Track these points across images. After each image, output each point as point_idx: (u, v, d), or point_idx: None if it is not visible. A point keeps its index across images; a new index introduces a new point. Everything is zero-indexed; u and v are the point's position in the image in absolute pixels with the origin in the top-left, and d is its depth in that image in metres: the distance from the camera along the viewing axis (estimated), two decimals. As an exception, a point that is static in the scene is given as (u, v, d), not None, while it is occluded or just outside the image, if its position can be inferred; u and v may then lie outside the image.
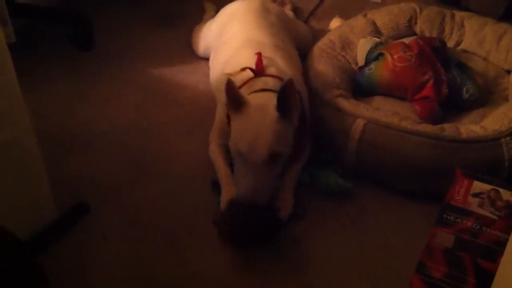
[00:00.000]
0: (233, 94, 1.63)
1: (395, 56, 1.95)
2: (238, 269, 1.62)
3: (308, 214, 1.74)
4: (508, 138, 1.74)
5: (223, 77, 1.75)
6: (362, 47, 2.10)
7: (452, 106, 1.93)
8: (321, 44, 2.15)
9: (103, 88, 2.25)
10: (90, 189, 1.82)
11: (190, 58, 2.39)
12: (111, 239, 1.68)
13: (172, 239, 1.69)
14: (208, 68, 2.22)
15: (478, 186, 1.54)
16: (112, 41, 2.49)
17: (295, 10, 2.60)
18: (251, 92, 1.71)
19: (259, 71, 1.78)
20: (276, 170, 1.64)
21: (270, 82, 1.74)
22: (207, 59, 2.29)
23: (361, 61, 2.08)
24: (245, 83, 1.75)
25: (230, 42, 2.02)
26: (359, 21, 2.24)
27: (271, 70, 1.79)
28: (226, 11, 2.22)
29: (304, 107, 1.79)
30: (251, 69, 1.78)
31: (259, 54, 1.82)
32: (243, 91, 1.69)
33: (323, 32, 2.33)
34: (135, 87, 2.26)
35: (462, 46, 2.19)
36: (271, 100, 1.64)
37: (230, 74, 1.75)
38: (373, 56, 2.03)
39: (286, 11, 2.48)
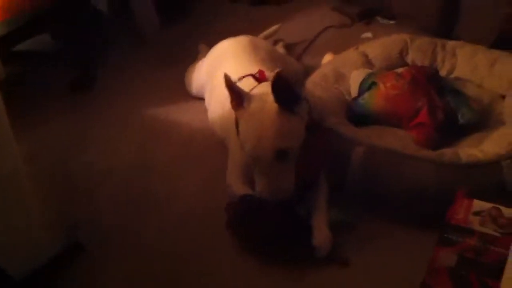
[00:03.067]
0: (234, 89, 1.64)
1: (388, 84, 1.95)
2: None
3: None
4: (508, 161, 1.71)
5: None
6: (355, 78, 2.10)
7: (449, 132, 1.91)
8: (314, 78, 2.16)
9: (102, 128, 2.28)
10: (91, 229, 1.80)
11: (184, 97, 2.41)
12: (113, 275, 1.65)
13: (177, 278, 1.65)
14: (201, 106, 2.23)
15: (479, 204, 1.51)
16: (110, 83, 2.54)
17: (287, 47, 2.63)
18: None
19: (262, 78, 1.79)
20: (290, 164, 1.61)
21: None
22: (200, 98, 2.30)
23: (354, 92, 2.08)
24: (250, 90, 1.73)
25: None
26: (351, 54, 2.25)
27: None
28: (217, 50, 2.24)
29: (313, 113, 1.76)
30: (253, 76, 1.77)
31: (261, 70, 1.83)
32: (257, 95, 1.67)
33: (316, 68, 2.33)
34: (133, 127, 2.28)
35: (455, 74, 2.19)
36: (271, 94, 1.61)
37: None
38: (366, 85, 2.03)
39: (277, 48, 2.50)
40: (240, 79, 1.80)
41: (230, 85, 1.64)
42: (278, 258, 1.65)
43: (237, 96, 1.65)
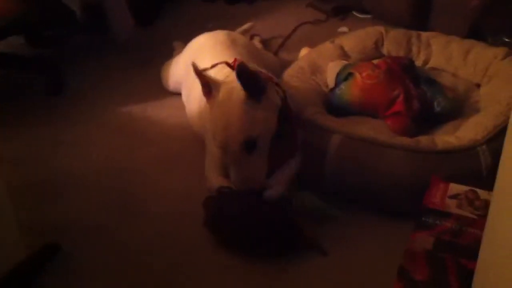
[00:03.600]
0: (203, 77, 1.63)
1: (364, 74, 1.96)
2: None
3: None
4: (484, 146, 1.72)
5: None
6: (332, 70, 2.10)
7: (425, 120, 1.92)
8: (291, 71, 2.16)
9: (77, 131, 2.23)
10: (68, 232, 1.76)
11: (161, 94, 2.38)
12: (91, 279, 1.61)
13: (155, 276, 1.61)
14: (178, 101, 2.21)
15: (455, 188, 1.52)
16: (84, 86, 2.50)
17: (264, 42, 2.63)
18: None
19: None
20: (261, 153, 1.60)
21: None
22: (176, 93, 2.28)
23: (331, 83, 2.08)
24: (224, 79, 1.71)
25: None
26: (327, 47, 2.26)
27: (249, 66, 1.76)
28: (193, 45, 2.23)
29: (288, 102, 1.74)
30: (228, 64, 1.75)
31: (236, 59, 1.81)
32: (226, 83, 1.65)
33: (292, 63, 2.34)
34: (109, 128, 2.24)
35: (430, 64, 2.21)
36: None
37: (206, 69, 1.73)
38: (343, 76, 2.03)
39: (254, 42, 2.50)
40: (214, 66, 1.78)
41: (199, 73, 1.63)
42: (258, 252, 1.63)
43: (206, 84, 1.64)
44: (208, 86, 1.64)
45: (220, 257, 1.66)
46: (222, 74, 1.76)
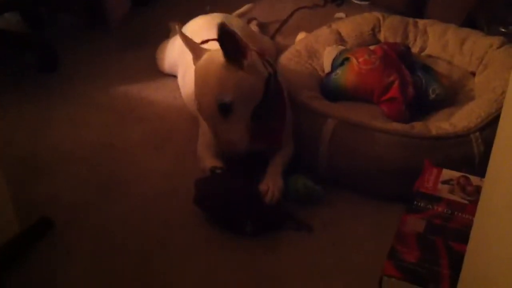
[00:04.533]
0: (189, 42, 1.66)
1: (360, 60, 1.96)
2: (211, 281, 1.55)
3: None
4: (477, 133, 1.73)
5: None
6: (328, 55, 2.10)
7: (419, 107, 1.93)
8: (288, 54, 2.15)
9: (69, 110, 2.22)
10: (58, 208, 1.76)
11: (156, 75, 2.37)
12: (79, 256, 1.62)
13: (143, 254, 1.62)
14: (174, 83, 2.20)
15: (447, 173, 1.53)
16: (78, 65, 2.47)
17: (261, 26, 2.62)
18: None
19: None
20: (241, 118, 1.60)
21: None
22: (172, 75, 2.27)
23: (327, 68, 2.08)
24: None
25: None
26: (323, 31, 2.26)
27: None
28: (190, 27, 2.21)
29: (278, 78, 1.75)
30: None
31: None
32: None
33: (289, 47, 2.34)
34: (101, 106, 2.23)
35: (426, 52, 2.22)
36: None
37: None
38: (339, 61, 2.03)
39: (251, 26, 2.49)
40: (204, 42, 1.78)
41: (184, 38, 1.66)
42: (246, 230, 1.64)
43: (192, 50, 1.67)
44: (195, 52, 1.67)
45: (206, 236, 1.67)
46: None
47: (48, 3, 2.71)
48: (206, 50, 1.69)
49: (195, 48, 1.69)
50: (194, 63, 1.69)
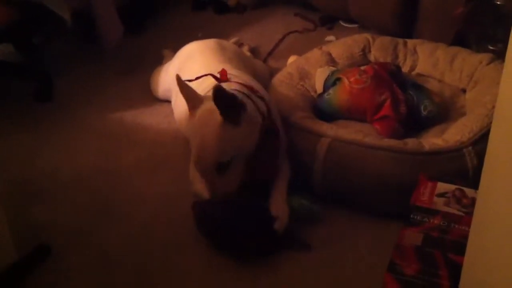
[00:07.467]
0: (185, 90, 1.63)
1: (352, 79, 1.99)
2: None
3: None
4: (470, 147, 1.75)
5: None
6: (320, 75, 2.13)
7: (412, 125, 1.95)
8: (280, 76, 2.18)
9: (65, 136, 2.25)
10: (56, 233, 1.77)
11: (150, 101, 2.40)
12: (78, 281, 1.62)
13: (142, 276, 1.63)
14: (168, 108, 2.22)
15: (442, 186, 1.54)
16: (73, 92, 2.51)
17: (252, 51, 2.65)
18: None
19: (223, 79, 1.75)
20: (236, 169, 1.60)
21: (233, 87, 1.69)
22: (166, 101, 2.29)
23: (319, 88, 2.11)
24: (209, 91, 1.69)
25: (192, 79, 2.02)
26: (315, 53, 2.29)
27: (236, 79, 1.77)
28: (183, 52, 2.24)
29: (272, 114, 1.74)
30: (214, 76, 1.74)
31: (223, 70, 1.81)
32: (207, 99, 1.62)
33: (281, 70, 2.37)
34: (96, 132, 2.25)
35: (416, 70, 2.25)
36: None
37: (191, 81, 1.72)
38: (331, 82, 2.06)
39: (243, 50, 2.53)
40: (198, 78, 1.76)
41: (182, 85, 1.63)
42: (245, 252, 1.65)
43: (188, 98, 1.64)
44: (191, 99, 1.64)
45: (206, 256, 1.68)
46: (205, 85, 1.75)
47: (41, 32, 2.74)
48: (201, 98, 1.65)
49: (191, 98, 1.65)
50: (190, 113, 1.65)
